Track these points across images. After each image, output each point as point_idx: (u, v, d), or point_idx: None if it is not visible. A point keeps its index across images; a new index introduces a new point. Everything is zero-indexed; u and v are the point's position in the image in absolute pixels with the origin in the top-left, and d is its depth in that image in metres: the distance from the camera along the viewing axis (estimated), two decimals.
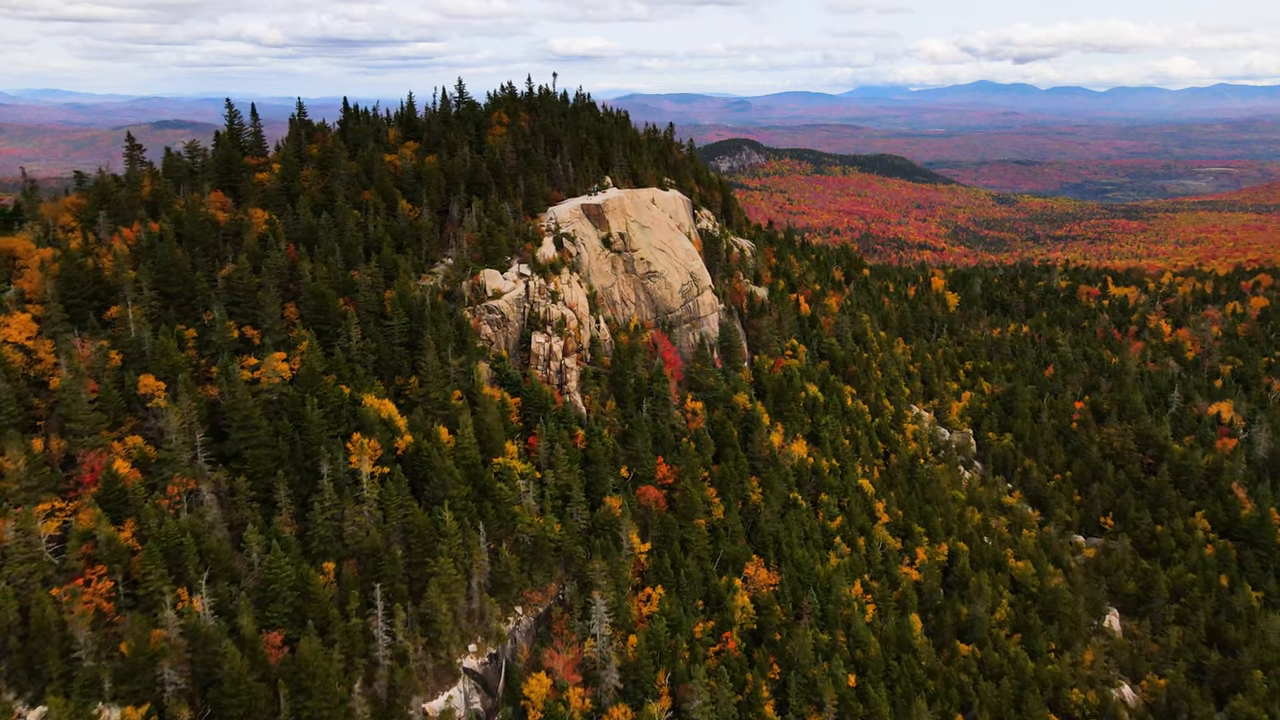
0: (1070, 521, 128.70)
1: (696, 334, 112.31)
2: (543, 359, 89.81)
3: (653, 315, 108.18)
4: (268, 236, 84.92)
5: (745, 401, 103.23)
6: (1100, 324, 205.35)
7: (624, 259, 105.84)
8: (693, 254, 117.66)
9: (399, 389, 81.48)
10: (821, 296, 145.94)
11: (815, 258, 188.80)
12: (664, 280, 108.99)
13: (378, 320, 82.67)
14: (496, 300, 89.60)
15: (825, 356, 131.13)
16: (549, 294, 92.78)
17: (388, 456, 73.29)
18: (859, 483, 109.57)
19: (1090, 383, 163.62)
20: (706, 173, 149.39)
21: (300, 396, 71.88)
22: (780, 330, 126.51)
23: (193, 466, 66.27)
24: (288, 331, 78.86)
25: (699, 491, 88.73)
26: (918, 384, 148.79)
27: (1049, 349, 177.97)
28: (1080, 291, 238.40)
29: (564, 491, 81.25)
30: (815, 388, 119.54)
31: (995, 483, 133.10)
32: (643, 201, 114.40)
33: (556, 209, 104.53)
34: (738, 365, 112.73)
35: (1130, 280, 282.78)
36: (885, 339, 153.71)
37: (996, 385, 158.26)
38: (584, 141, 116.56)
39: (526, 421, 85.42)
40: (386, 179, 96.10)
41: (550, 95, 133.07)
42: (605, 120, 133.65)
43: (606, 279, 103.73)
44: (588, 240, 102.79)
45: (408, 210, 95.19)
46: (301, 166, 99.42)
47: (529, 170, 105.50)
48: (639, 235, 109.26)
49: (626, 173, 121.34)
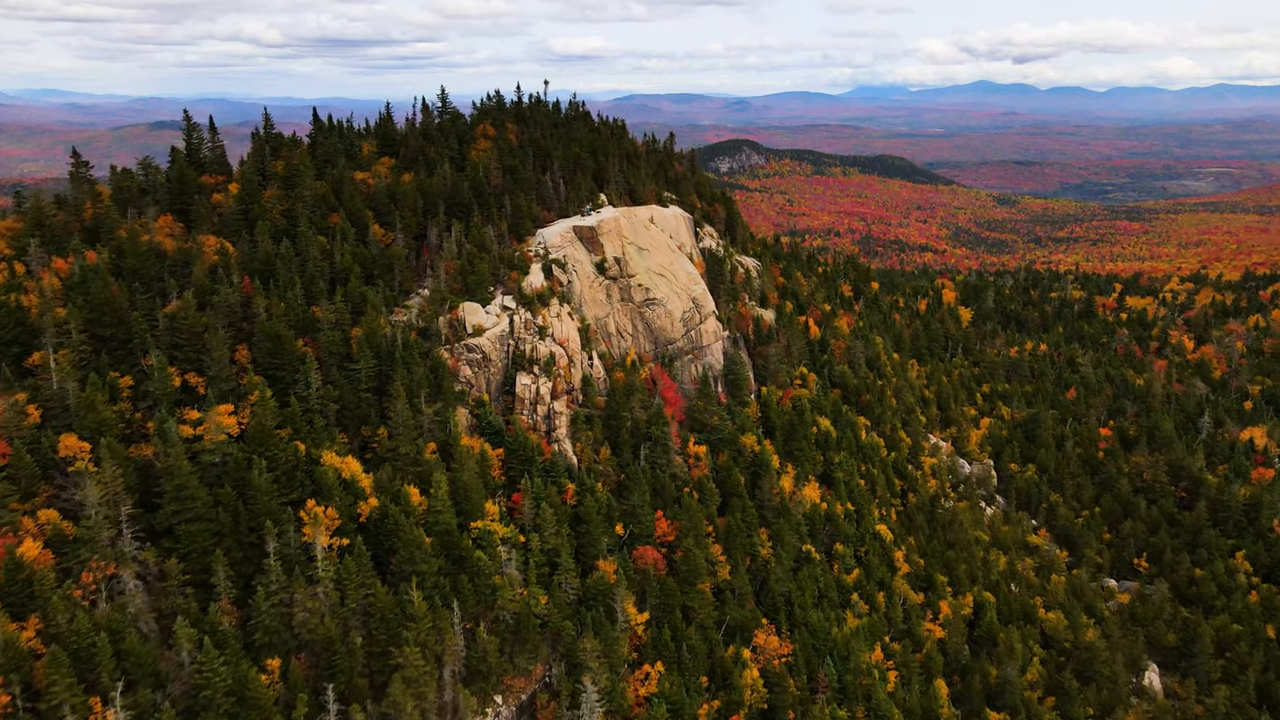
0: (1101, 563, 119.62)
1: (699, 366, 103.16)
2: (529, 403, 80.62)
3: (651, 347, 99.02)
4: (219, 268, 75.71)
5: (753, 443, 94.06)
6: (1120, 339, 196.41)
7: (620, 286, 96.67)
8: (695, 277, 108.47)
9: (365, 441, 72.30)
10: (831, 318, 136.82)
11: (822, 271, 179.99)
12: (664, 308, 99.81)
13: (341, 364, 73.46)
14: (477, 338, 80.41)
15: (837, 385, 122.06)
16: (536, 329, 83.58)
17: (348, 525, 64.11)
18: (876, 528, 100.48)
19: (1115, 406, 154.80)
20: (709, 185, 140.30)
21: (247, 458, 62.67)
22: (789, 358, 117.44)
23: (115, 546, 57.01)
24: (238, 379, 69.60)
25: (703, 551, 79.52)
26: (934, 410, 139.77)
27: (1069, 369, 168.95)
28: (1095, 302, 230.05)
29: (551, 558, 72.05)
30: (827, 421, 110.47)
31: (1019, 520, 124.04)
32: (640, 221, 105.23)
33: (546, 231, 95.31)
34: (744, 399, 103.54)
35: (1143, 289, 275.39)
36: (898, 361, 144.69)
37: (1016, 410, 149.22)
38: (576, 156, 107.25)
39: (510, 476, 76.21)
40: (357, 200, 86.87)
41: (542, 104, 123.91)
42: (600, 130, 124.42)
43: (601, 309, 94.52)
44: (580, 266, 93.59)
45: (380, 235, 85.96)
46: (264, 186, 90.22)
47: (516, 189, 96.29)
48: (636, 259, 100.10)
49: (623, 188, 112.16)
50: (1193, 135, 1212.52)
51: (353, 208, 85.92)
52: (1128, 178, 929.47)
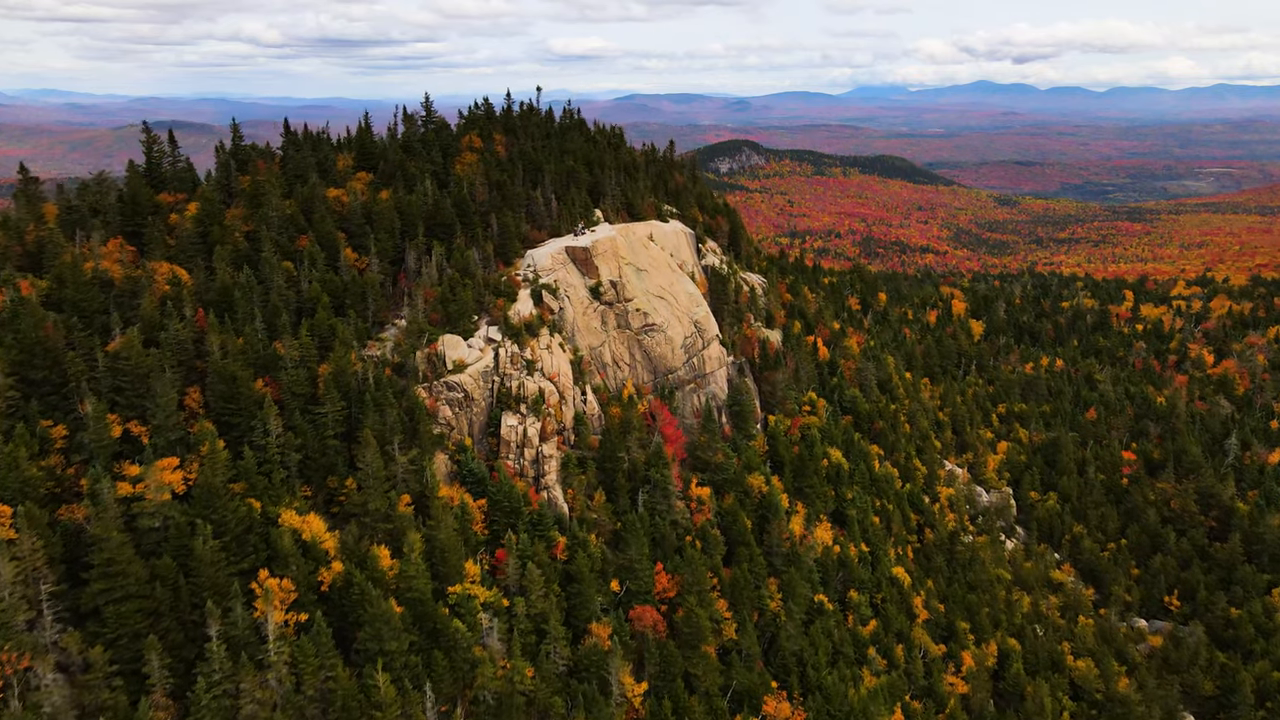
0: (1130, 602, 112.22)
1: (702, 396, 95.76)
2: (515, 446, 73.19)
3: (651, 377, 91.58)
4: (171, 299, 68.23)
5: (760, 484, 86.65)
6: (1137, 353, 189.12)
7: (616, 312, 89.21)
8: (697, 299, 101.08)
9: (331, 494, 64.88)
10: (841, 337, 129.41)
11: (828, 283, 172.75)
12: (664, 334, 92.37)
13: (306, 406, 66.00)
14: (458, 374, 72.94)
15: (848, 410, 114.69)
16: (524, 363, 76.10)
17: (308, 596, 56.68)
18: (893, 571, 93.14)
19: (1137, 428, 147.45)
20: (711, 197, 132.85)
21: (191, 522, 55.22)
22: (797, 383, 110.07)
23: (33, 632, 49.56)
24: (187, 427, 62.20)
25: (706, 610, 72.10)
26: (948, 434, 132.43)
27: (1087, 386, 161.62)
28: (1110, 312, 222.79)
29: (538, 624, 64.66)
30: (838, 453, 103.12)
31: (1042, 554, 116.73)
32: (638, 239, 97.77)
33: (536, 253, 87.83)
34: (750, 432, 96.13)
35: (1152, 295, 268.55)
36: (910, 381, 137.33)
37: (1034, 432, 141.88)
38: (570, 169, 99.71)
39: (494, 530, 68.77)
40: (328, 221, 79.34)
41: (534, 112, 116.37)
42: (596, 140, 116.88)
43: (595, 337, 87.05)
44: (573, 291, 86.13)
45: (353, 260, 78.44)
46: (229, 205, 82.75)
47: (503, 206, 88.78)
48: (634, 281, 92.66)
49: (620, 203, 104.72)
50: (1193, 135, 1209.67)
51: (323, 229, 78.42)
52: (1128, 178, 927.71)
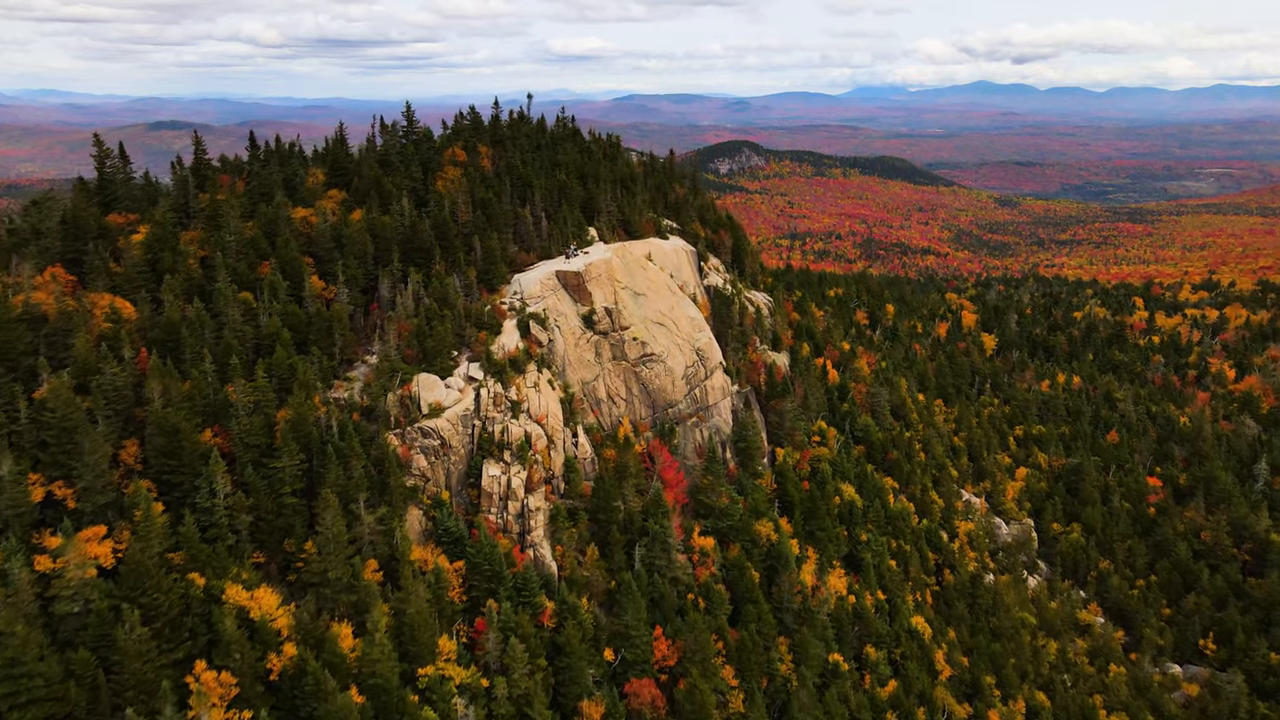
0: (1163, 645, 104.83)
1: (704, 431, 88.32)
2: (498, 499, 65.75)
3: (649, 412, 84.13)
4: (107, 338, 60.77)
5: (769, 531, 79.20)
6: (1155, 368, 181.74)
7: (611, 342, 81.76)
8: (699, 323, 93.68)
9: (288, 559, 57.45)
10: (851, 359, 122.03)
11: (834, 295, 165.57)
12: (663, 365, 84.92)
13: (260, 460, 58.58)
14: (434, 419, 65.47)
15: (860, 440, 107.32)
16: (508, 405, 68.64)
17: (254, 688, 49.26)
18: (912, 623, 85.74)
19: (1161, 451, 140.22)
20: (714, 209, 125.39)
21: (114, 606, 47.78)
22: (806, 412, 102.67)
23: None
24: (121, 487, 54.79)
25: (710, 681, 64.72)
26: (964, 460, 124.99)
27: (1106, 405, 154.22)
28: (1123, 321, 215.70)
29: (521, 707, 57.26)
30: (851, 489, 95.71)
31: (1066, 592, 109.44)
32: (636, 260, 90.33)
33: (524, 278, 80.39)
34: (757, 469, 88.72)
35: (1163, 302, 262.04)
36: (924, 404, 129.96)
37: (1054, 457, 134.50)
38: (562, 184, 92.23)
39: (473, 597, 61.31)
40: (292, 245, 71.83)
41: (525, 120, 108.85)
42: (591, 150, 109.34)
43: (588, 370, 79.60)
44: (564, 320, 78.67)
45: (319, 290, 70.98)
46: (185, 227, 75.26)
47: (488, 227, 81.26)
48: (631, 307, 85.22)
49: (616, 220, 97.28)
50: (1193, 136, 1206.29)
51: (287, 255, 70.92)
52: (1128, 178, 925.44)
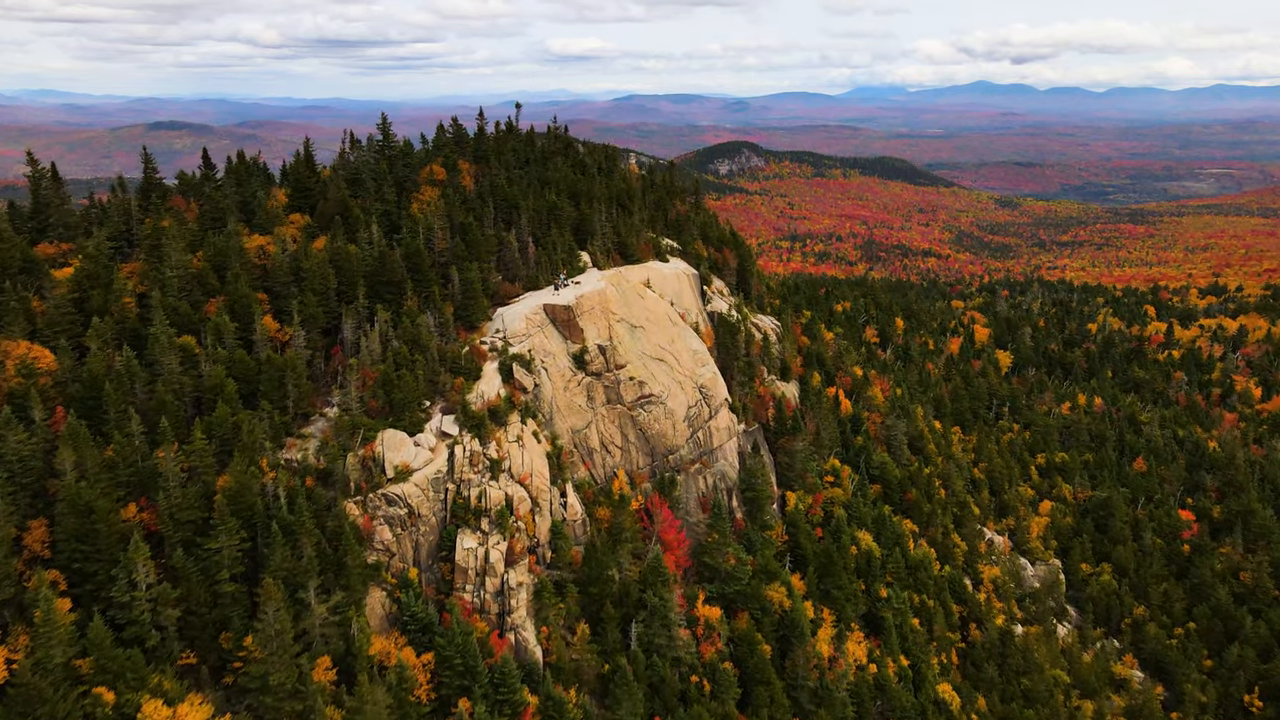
0: (1205, 702, 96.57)
1: (709, 478, 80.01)
2: (474, 574, 57.40)
3: (648, 460, 75.78)
4: (12, 399, 52.35)
5: (781, 597, 70.87)
6: (1177, 385, 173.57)
7: (605, 383, 73.39)
8: (702, 356, 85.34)
9: (224, 658, 49.10)
10: (864, 386, 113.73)
11: (842, 310, 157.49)
12: (663, 407, 76.56)
13: (193, 541, 50.22)
14: (401, 484, 57.12)
15: (876, 478, 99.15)
16: (487, 464, 60.30)
17: None
18: (939, 692, 77.50)
19: (1192, 480, 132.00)
20: (717, 225, 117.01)
21: None
22: (818, 449, 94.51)
23: None
24: (22, 580, 46.43)
25: None
26: (985, 494, 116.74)
27: (1131, 429, 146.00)
28: (1133, 333, 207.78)
29: None
30: (868, 536, 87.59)
31: (1099, 641, 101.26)
32: (633, 289, 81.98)
33: (507, 313, 72.01)
34: (766, 521, 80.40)
35: (1175, 310, 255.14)
36: (941, 432, 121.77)
37: (1079, 489, 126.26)
38: (552, 205, 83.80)
39: (442, 695, 52.95)
40: (243, 281, 63.38)
41: (513, 133, 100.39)
42: (586, 165, 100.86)
43: (579, 417, 71.21)
44: (552, 361, 70.30)
45: (273, 331, 62.58)
46: (126, 258, 66.86)
47: (468, 256, 72.84)
48: (628, 342, 76.87)
49: (611, 241, 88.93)
50: (1192, 136, 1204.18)
51: (237, 292, 62.50)
52: (1128, 179, 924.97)
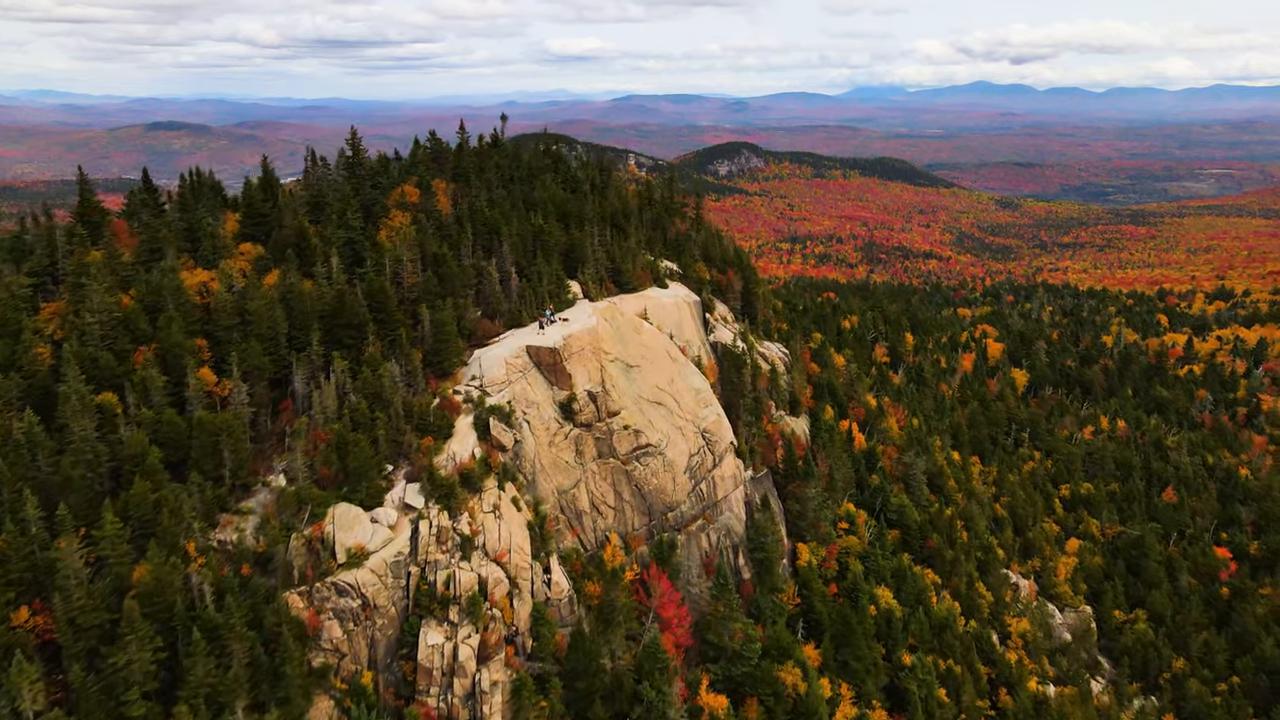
0: None
1: (713, 535, 71.66)
2: (440, 675, 49.03)
3: (644, 520, 67.41)
4: None
5: (796, 679, 62.56)
6: (1201, 405, 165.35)
7: (597, 435, 64.99)
8: (706, 396, 76.99)
9: None
10: (879, 418, 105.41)
11: (851, 330, 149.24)
12: (662, 459, 68.20)
13: (96, 651, 41.88)
14: (355, 570, 48.73)
15: (894, 523, 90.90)
16: (457, 541, 51.93)
17: None
18: None
19: (1226, 514, 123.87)
20: (720, 243, 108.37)
21: None
22: (832, 492, 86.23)
23: None
24: None
25: None
26: (1008, 532, 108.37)
27: (1158, 456, 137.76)
28: (1151, 347, 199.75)
29: None
30: (888, 593, 79.35)
31: (1136, 700, 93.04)
32: (628, 323, 73.59)
33: (486, 356, 63.58)
34: (777, 584, 71.99)
35: (1188, 318, 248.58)
36: (960, 464, 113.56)
37: (1107, 525, 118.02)
38: (538, 230, 75.32)
39: None
40: (177, 325, 54.91)
41: (497, 147, 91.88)
42: (578, 182, 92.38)
43: (567, 476, 62.81)
44: (535, 412, 61.93)
45: (210, 385, 54.10)
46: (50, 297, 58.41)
47: (441, 291, 64.40)
48: (622, 385, 68.52)
49: (605, 268, 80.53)
50: (1192, 136, 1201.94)
51: (169, 339, 54.03)
52: (1129, 179, 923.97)
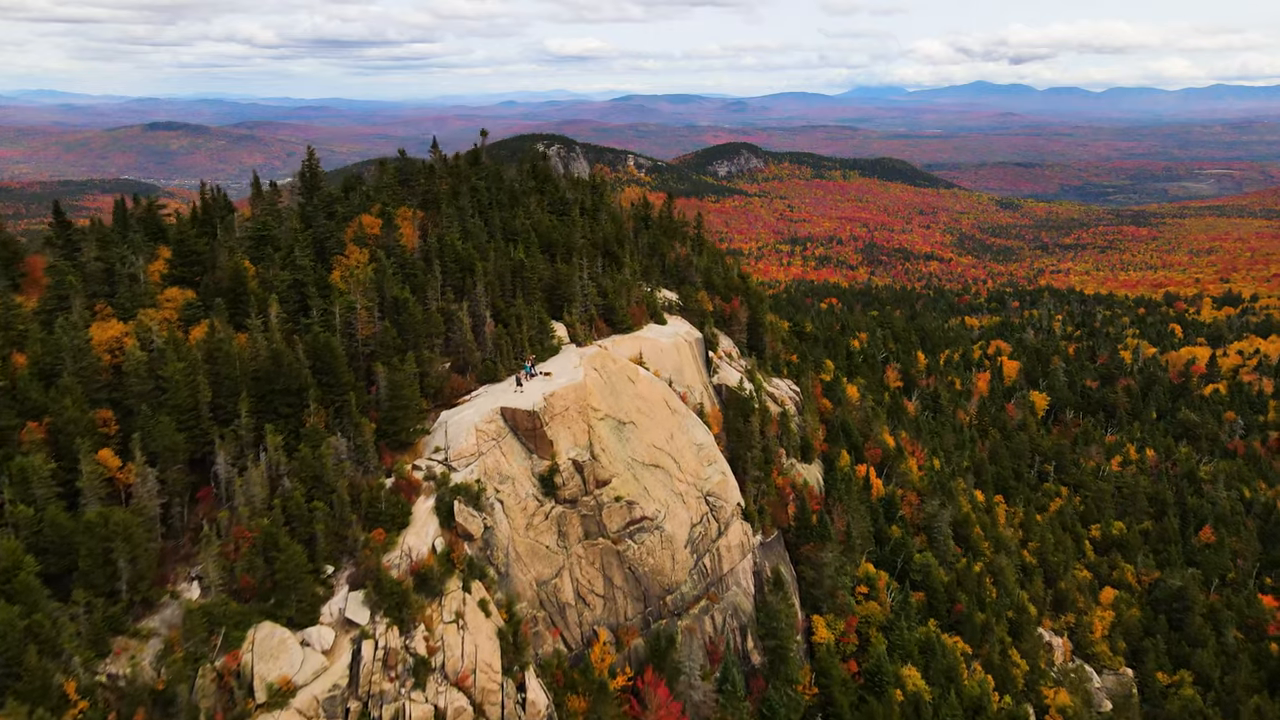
0: None
1: (718, 617, 62.35)
2: None
3: (639, 608, 58.04)
4: None
5: None
6: (1232, 429, 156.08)
7: (583, 511, 55.60)
8: (709, 452, 67.69)
9: None
10: (897, 460, 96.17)
11: (861, 351, 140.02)
12: (659, 533, 58.85)
13: None
14: (278, 711, 39.33)
15: (918, 585, 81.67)
16: (410, 664, 42.54)
17: None
18: None
19: (1268, 555, 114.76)
20: (723, 267, 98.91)
21: None
22: (849, 552, 77.01)
23: None
24: None
25: None
26: (1038, 583, 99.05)
27: (1190, 488, 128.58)
28: (1170, 365, 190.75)
29: None
30: (916, 673, 70.12)
31: None
32: (621, 372, 64.21)
33: (453, 421, 54.12)
34: (792, 672, 62.72)
35: (1202, 328, 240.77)
36: (984, 506, 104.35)
37: (1143, 570, 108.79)
38: (518, 265, 65.80)
39: None
40: (74, 396, 45.39)
41: (477, 165, 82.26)
42: (566, 205, 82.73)
43: (548, 563, 53.41)
44: (511, 489, 52.55)
45: (111, 471, 44.52)
46: None
47: (401, 345, 54.98)
48: (614, 447, 59.16)
49: (595, 305, 71.13)
50: (1192, 136, 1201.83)
51: (63, 415, 44.50)
52: (1128, 179, 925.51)
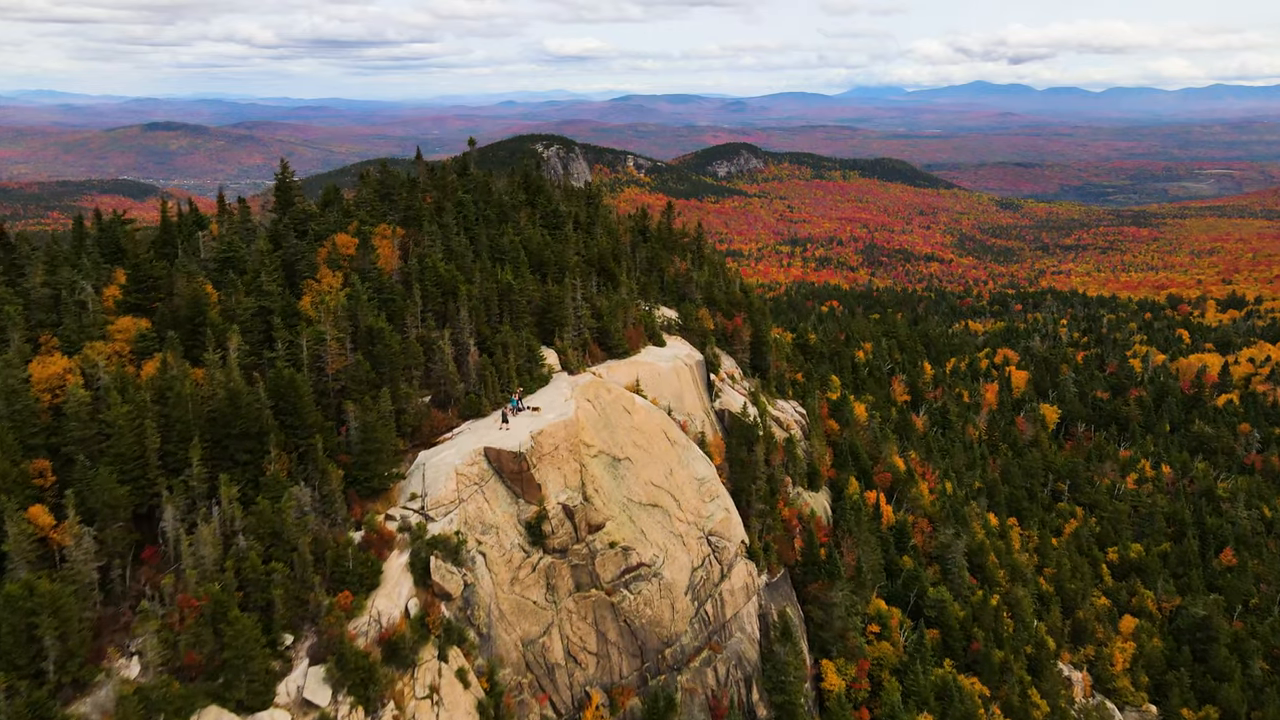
0: None
1: (721, 668, 57.71)
2: None
3: (635, 664, 53.36)
4: None
5: None
6: (1247, 443, 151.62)
7: (574, 562, 50.91)
8: (711, 487, 63.05)
9: None
10: (907, 484, 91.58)
11: (868, 365, 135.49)
12: (658, 581, 54.18)
13: None
14: None
15: (932, 622, 77.04)
16: None
17: None
18: None
19: None
20: (725, 280, 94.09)
21: None
22: (860, 587, 72.40)
23: None
24: None
25: None
26: (1055, 612, 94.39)
27: (1209, 507, 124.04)
28: (1182, 377, 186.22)
29: None
30: None
31: None
32: (615, 402, 59.53)
33: (431, 463, 49.38)
34: None
35: (1207, 332, 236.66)
36: (998, 530, 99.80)
37: (1163, 596, 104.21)
38: (505, 288, 61.03)
39: None
40: (9, 443, 40.68)
41: (465, 175, 77.49)
42: (559, 218, 77.97)
43: (535, 621, 48.70)
44: (494, 539, 47.87)
45: (45, 531, 39.80)
46: None
47: (376, 379, 50.27)
48: (608, 487, 54.50)
49: (589, 329, 66.45)
50: (1191, 136, 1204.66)
51: None
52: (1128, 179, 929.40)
